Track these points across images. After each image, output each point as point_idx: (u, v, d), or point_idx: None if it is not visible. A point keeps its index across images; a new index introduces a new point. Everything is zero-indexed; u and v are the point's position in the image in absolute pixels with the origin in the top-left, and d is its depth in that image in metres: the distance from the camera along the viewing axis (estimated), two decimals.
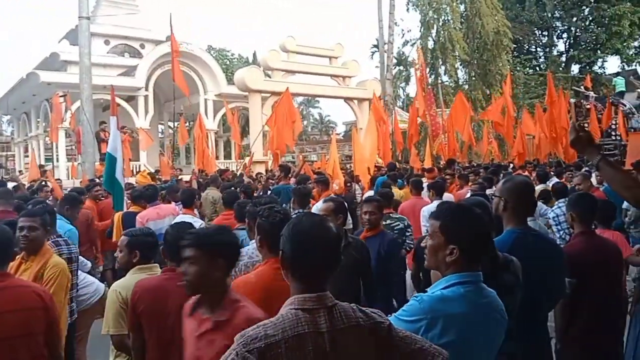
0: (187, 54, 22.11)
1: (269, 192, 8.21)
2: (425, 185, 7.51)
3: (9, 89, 24.26)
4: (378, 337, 1.54)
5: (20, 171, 23.75)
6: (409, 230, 5.49)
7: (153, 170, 18.21)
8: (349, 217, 5.74)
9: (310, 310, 1.48)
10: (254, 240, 3.22)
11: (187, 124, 29.53)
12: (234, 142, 26.16)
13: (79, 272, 4.10)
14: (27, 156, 24.41)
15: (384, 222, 5.48)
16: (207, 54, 25.29)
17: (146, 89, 21.97)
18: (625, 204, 6.12)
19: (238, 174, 12.13)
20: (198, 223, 5.56)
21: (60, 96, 16.35)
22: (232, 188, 6.88)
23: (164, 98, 25.69)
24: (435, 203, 5.69)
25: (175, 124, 33.13)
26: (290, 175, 8.88)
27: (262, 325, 1.46)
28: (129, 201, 6.93)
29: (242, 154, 15.88)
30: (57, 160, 20.71)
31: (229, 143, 27.59)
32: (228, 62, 40.63)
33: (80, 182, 11.40)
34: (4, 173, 25.89)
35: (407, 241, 5.42)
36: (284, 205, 6.09)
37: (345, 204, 4.10)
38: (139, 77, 21.52)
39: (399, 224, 5.49)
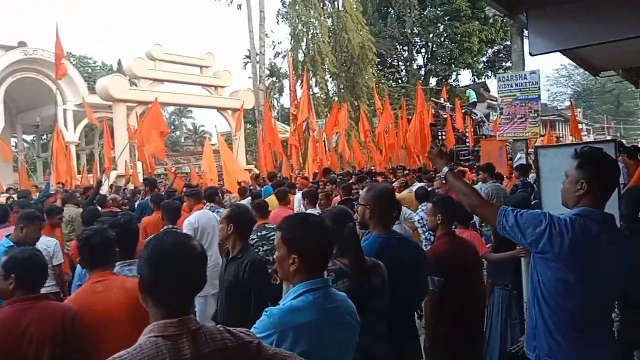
0: (42, 61, 20.40)
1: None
2: (300, 193, 7.57)
3: None
4: (247, 357, 1.48)
5: None
6: None
7: (5, 188, 16.48)
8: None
9: (172, 336, 1.38)
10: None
11: (45, 136, 27.22)
12: (98, 155, 24.56)
13: None
14: None
15: (259, 233, 5.43)
16: (66, 61, 23.49)
17: None
18: None
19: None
20: (53, 244, 5.12)
21: None
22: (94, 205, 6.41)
23: (17, 109, 23.42)
24: (310, 212, 5.73)
25: (31, 137, 30.46)
26: (158, 189, 8.49)
27: (117, 358, 1.33)
28: None
29: (114, 167, 14.93)
30: None
31: (93, 156, 25.84)
32: (90, 71, 38.17)
33: None
34: None
35: None
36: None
37: (244, 213, 3.72)
38: None
39: (274, 234, 5.43)
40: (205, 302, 5.37)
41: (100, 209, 6.63)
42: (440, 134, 18.19)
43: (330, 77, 28.42)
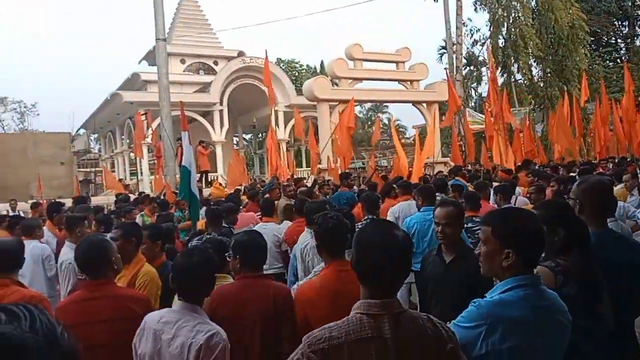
0: (257, 67, 22.79)
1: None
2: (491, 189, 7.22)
3: (95, 110, 26.03)
4: (443, 351, 1.56)
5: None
6: None
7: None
8: None
9: (374, 315, 1.52)
10: None
11: (260, 135, 30.46)
12: (304, 151, 26.62)
13: None
14: (114, 171, 26.04)
15: (465, 225, 5.33)
16: (277, 66, 25.91)
17: (221, 104, 22.84)
18: None
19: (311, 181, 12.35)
20: (282, 230, 5.75)
21: (142, 114, 17.33)
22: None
23: (238, 112, 26.56)
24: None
25: (249, 135, 34.39)
26: (350, 182, 9.01)
27: (327, 328, 1.53)
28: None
29: (319, 161, 16.16)
30: (141, 174, 21.96)
31: (300, 152, 28.09)
32: (297, 73, 41.42)
33: (162, 194, 11.97)
34: (93, 188, 27.78)
35: None
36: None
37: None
38: (214, 93, 22.43)
39: (479, 228, 5.30)
40: (406, 290, 5.56)
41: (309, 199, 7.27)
42: None
43: (535, 61, 26.40)
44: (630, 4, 29.32)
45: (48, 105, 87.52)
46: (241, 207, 7.53)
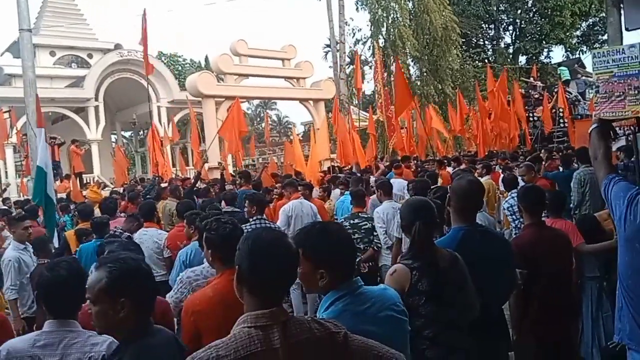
0: (137, 61, 21.66)
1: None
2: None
3: None
4: (334, 347, 1.53)
5: None
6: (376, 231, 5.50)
7: (108, 181, 17.80)
8: None
9: (263, 327, 1.46)
10: None
11: (142, 132, 29.02)
12: (190, 149, 25.82)
13: None
14: None
15: (351, 221, 5.50)
16: (158, 60, 24.84)
17: (96, 99, 21.40)
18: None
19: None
20: (163, 236, 5.45)
21: (5, 112, 15.73)
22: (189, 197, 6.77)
23: (115, 107, 25.09)
24: (386, 204, 5.70)
25: (129, 133, 32.58)
26: (251, 181, 8.83)
27: (213, 347, 1.42)
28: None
29: (204, 160, 15.68)
30: (6, 177, 19.96)
31: (185, 150, 27.18)
32: (180, 68, 39.98)
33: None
34: None
35: (375, 240, 5.47)
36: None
37: None
38: (88, 88, 20.95)
39: (366, 224, 5.49)
40: (299, 292, 5.57)
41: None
42: (532, 114, 17.44)
43: (412, 61, 27.85)
44: (495, 9, 31.94)
45: None
46: (118, 211, 7.06)
